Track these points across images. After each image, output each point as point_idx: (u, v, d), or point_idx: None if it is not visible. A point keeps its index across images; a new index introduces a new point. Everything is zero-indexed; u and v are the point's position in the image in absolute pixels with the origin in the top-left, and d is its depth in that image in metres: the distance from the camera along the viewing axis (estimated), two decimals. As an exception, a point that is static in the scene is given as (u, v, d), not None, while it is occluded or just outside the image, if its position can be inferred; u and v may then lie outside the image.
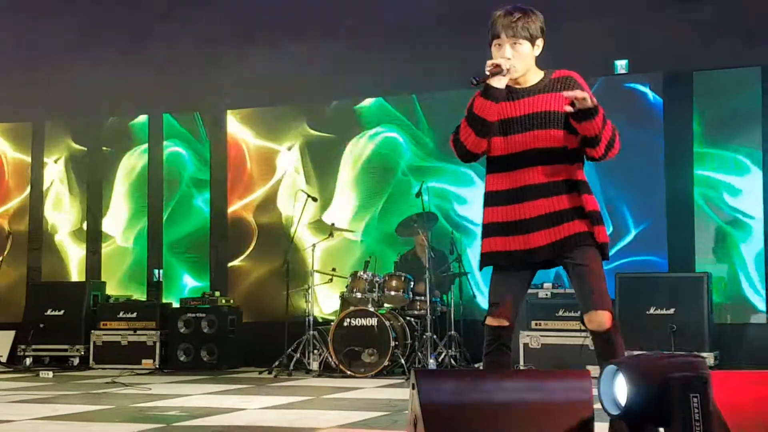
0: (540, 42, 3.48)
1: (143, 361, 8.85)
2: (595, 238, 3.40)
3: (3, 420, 5.07)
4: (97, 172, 10.31)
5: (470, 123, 3.45)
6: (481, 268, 3.62)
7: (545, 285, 7.73)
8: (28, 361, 9.14)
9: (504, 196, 3.48)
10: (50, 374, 8.16)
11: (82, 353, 9.10)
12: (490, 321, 3.54)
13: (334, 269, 8.75)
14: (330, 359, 7.91)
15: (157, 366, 8.81)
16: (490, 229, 3.52)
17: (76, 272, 10.26)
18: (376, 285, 8.09)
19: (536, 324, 7.71)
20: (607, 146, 3.40)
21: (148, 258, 10.01)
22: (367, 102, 9.41)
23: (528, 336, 7.70)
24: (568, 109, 3.33)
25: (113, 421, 5.09)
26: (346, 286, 8.25)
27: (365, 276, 8.14)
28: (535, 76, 3.50)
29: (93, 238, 10.22)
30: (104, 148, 10.33)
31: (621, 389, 2.72)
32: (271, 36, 9.18)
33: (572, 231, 3.40)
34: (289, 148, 9.63)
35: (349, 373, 7.74)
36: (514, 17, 3.41)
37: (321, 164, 9.51)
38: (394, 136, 9.28)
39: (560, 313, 7.62)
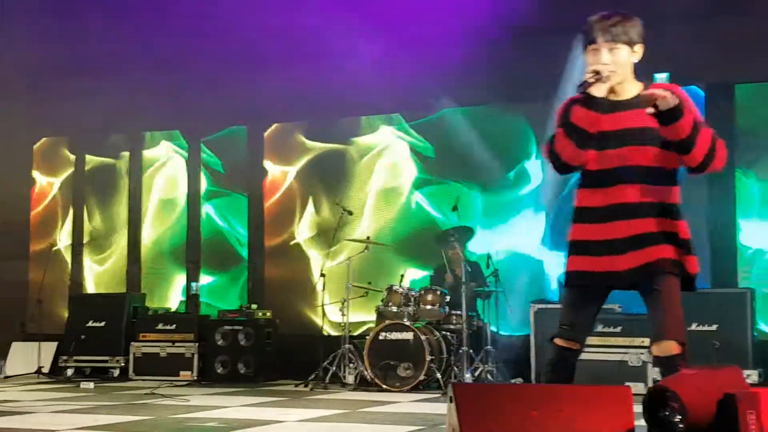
0: (639, 48, 3.32)
1: (181, 372, 8.94)
2: (686, 268, 3.24)
3: (47, 429, 5.16)
4: (136, 184, 10.45)
5: (568, 134, 3.24)
6: (566, 286, 3.43)
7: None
8: (70, 371, 9.27)
9: (594, 213, 3.31)
10: (91, 385, 8.27)
11: (122, 364, 9.21)
12: (558, 341, 3.41)
13: (369, 283, 8.77)
14: (365, 373, 7.92)
15: (195, 378, 8.89)
16: (577, 247, 3.36)
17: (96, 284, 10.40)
18: (412, 299, 8.09)
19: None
20: (707, 156, 3.17)
21: (187, 271, 10.11)
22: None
23: (564, 352, 7.63)
24: (650, 110, 3.13)
25: (152, 431, 5.14)
26: (382, 300, 8.27)
27: (401, 290, 8.16)
28: (633, 87, 3.32)
29: (133, 249, 10.35)
30: (145, 158, 10.47)
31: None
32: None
33: (659, 256, 3.22)
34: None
35: (384, 386, 7.74)
36: (611, 20, 3.26)
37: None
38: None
39: (600, 328, 7.55)
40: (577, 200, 3.37)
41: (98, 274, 10.48)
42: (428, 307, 8.06)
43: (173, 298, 10.14)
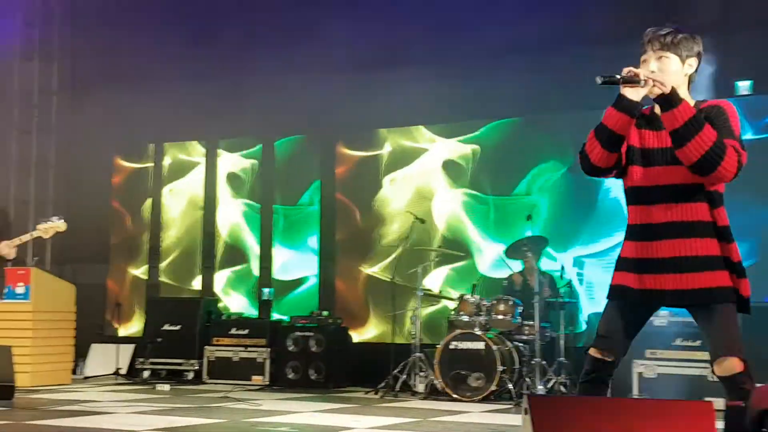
0: (693, 62, 3.28)
1: (253, 377, 9.05)
2: (740, 293, 3.18)
3: (125, 430, 5.28)
4: (209, 190, 10.64)
5: (597, 134, 3.22)
6: (607, 298, 3.40)
7: (662, 313, 7.51)
8: (146, 373, 9.47)
9: (639, 231, 3.28)
10: (167, 387, 8.45)
11: (196, 368, 9.38)
12: (593, 352, 3.38)
13: (441, 291, 8.76)
14: (436, 382, 7.89)
15: (267, 382, 8.99)
16: (622, 263, 3.33)
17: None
18: (484, 308, 8.05)
19: (651, 353, 7.48)
20: (704, 157, 3.05)
21: (259, 276, 10.24)
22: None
23: (642, 365, 7.48)
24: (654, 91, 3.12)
25: (227, 435, 5.22)
26: (453, 309, 8.24)
27: (472, 299, 8.12)
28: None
29: (206, 254, 10.54)
30: (218, 164, 10.65)
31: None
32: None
33: (712, 283, 3.17)
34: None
35: (455, 396, 7.70)
36: (663, 31, 3.28)
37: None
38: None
39: (678, 342, 7.38)
40: (628, 217, 3.35)
41: (173, 278, 10.69)
42: (500, 317, 8.01)
43: (244, 303, 10.28)
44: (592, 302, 8.50)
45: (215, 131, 10.61)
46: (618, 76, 3.15)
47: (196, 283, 10.57)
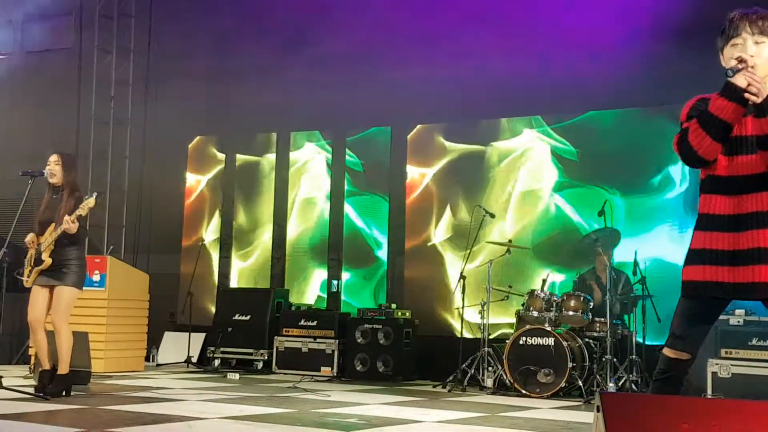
0: None
1: (322, 368, 9.12)
2: None
3: (196, 417, 5.37)
4: (282, 182, 10.74)
5: (705, 126, 3.07)
6: (683, 296, 3.25)
7: (737, 312, 7.32)
8: (217, 362, 9.63)
9: (721, 221, 3.14)
10: (237, 376, 8.57)
11: (266, 357, 9.49)
12: (667, 352, 3.27)
13: (510, 286, 8.68)
14: (504, 377, 7.84)
15: (335, 374, 9.04)
16: (700, 256, 3.18)
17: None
18: (554, 304, 7.95)
19: (726, 352, 7.30)
20: None
21: (328, 268, 10.30)
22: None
23: (717, 365, 7.31)
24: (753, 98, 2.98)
25: (295, 424, 5.26)
26: (522, 304, 8.17)
27: (542, 294, 8.03)
28: None
29: (277, 245, 10.64)
30: (290, 157, 10.73)
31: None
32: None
33: None
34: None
35: (524, 392, 7.63)
36: (759, 13, 3.14)
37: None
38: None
39: (754, 342, 7.19)
40: (702, 207, 3.20)
41: (242, 270, 10.83)
42: (571, 313, 7.90)
43: (313, 294, 10.35)
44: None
45: (290, 124, 10.69)
46: (739, 66, 3.04)
47: (266, 276, 10.67)
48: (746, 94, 3.01)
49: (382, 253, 10.08)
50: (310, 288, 10.41)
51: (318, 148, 10.60)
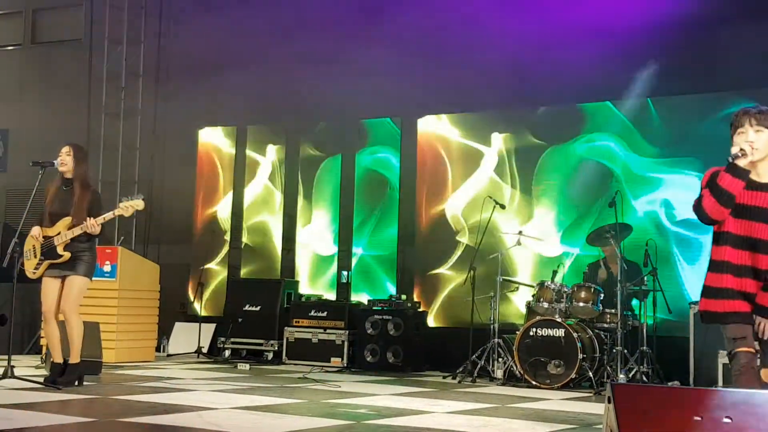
0: None
1: (332, 359, 9.13)
2: None
3: (207, 407, 5.38)
4: (292, 175, 10.73)
5: (715, 194, 3.95)
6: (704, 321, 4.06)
7: (748, 303, 7.28)
8: (227, 353, 9.65)
9: (729, 266, 3.97)
10: (247, 366, 8.59)
11: (276, 348, 9.50)
12: (741, 349, 3.94)
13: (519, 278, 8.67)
14: (514, 368, 7.83)
15: (345, 365, 9.05)
16: (715, 293, 4.02)
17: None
18: (564, 295, 7.93)
19: (737, 344, 7.27)
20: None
21: (338, 259, 10.30)
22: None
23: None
24: None
25: (306, 414, 5.27)
26: (533, 295, 8.15)
27: (553, 285, 8.01)
28: None
29: (288, 237, 10.65)
30: (311, 151, 10.71)
31: None
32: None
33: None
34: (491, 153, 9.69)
35: (534, 383, 7.62)
36: (757, 109, 4.00)
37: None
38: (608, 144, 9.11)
39: None
40: (714, 254, 4.04)
41: (254, 260, 10.83)
42: (581, 304, 7.88)
43: (324, 286, 10.35)
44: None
45: (296, 116, 10.69)
46: (739, 153, 3.91)
47: (276, 266, 10.68)
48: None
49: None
50: (325, 280, 10.38)
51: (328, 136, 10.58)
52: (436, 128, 9.96)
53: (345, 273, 10.21)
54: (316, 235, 10.49)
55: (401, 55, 9.54)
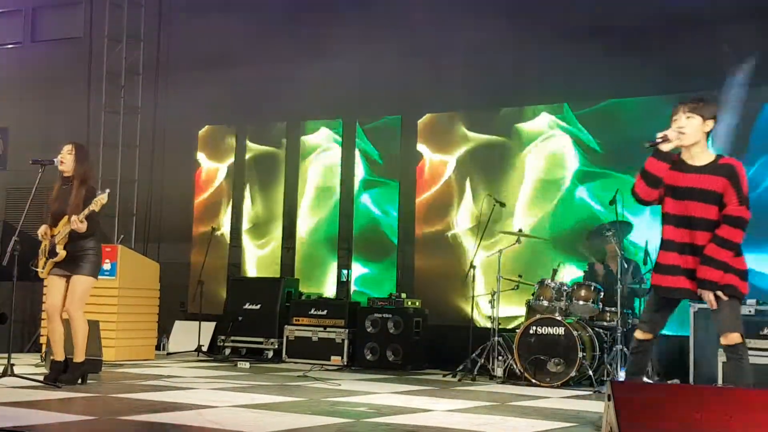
0: (710, 123, 4.46)
1: (332, 357, 9.13)
2: (740, 290, 4.45)
3: (207, 405, 5.39)
4: (291, 172, 10.73)
5: (643, 176, 4.48)
6: (650, 293, 4.65)
7: (748, 301, 7.28)
8: (227, 351, 9.65)
9: (673, 245, 4.49)
10: (247, 365, 8.59)
11: (276, 346, 9.51)
12: (638, 334, 4.67)
13: (520, 276, 8.66)
14: (514, 366, 7.83)
15: (345, 363, 9.06)
16: (660, 268, 4.54)
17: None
18: (564, 293, 7.93)
19: (737, 342, 7.27)
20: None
21: (338, 258, 10.30)
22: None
23: (727, 355, 7.28)
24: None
25: (306, 413, 5.27)
26: (533, 294, 8.15)
27: (553, 284, 8.01)
28: (706, 157, 4.48)
29: (288, 235, 10.64)
30: (304, 146, 10.70)
31: None
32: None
33: (725, 282, 4.40)
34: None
35: (534, 381, 7.62)
36: (693, 98, 4.48)
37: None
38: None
39: (765, 331, 7.15)
40: (663, 233, 4.54)
41: (256, 259, 10.83)
42: (581, 302, 7.88)
43: (327, 285, 10.34)
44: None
45: (301, 113, 10.68)
46: (657, 140, 4.42)
47: (278, 265, 10.67)
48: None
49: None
50: (327, 279, 10.37)
51: (334, 135, 10.56)
52: (437, 125, 9.95)
53: (345, 272, 10.21)
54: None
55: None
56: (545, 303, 7.94)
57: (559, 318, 7.69)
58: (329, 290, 10.23)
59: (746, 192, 4.38)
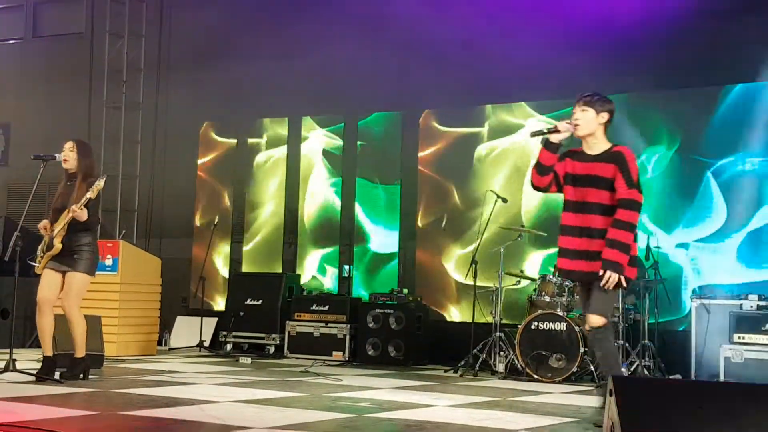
0: (604, 115, 4.82)
1: (334, 353, 9.14)
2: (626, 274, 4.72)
3: (209, 401, 5.39)
4: (293, 169, 10.72)
5: (535, 167, 4.90)
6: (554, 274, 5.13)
7: (750, 297, 7.28)
8: (229, 346, 9.66)
9: (572, 229, 4.84)
10: (249, 360, 8.60)
11: (278, 342, 9.51)
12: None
13: (522, 271, 8.66)
14: (516, 362, 7.83)
15: (347, 358, 9.06)
16: (561, 252, 4.91)
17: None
18: (566, 289, 7.93)
19: (740, 338, 7.27)
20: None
21: (339, 253, 10.29)
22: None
23: (730, 350, 7.28)
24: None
25: (308, 408, 5.27)
26: (534, 289, 8.14)
27: (554, 279, 8.00)
28: (602, 147, 4.83)
29: (289, 230, 10.63)
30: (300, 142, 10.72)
31: None
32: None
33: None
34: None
35: (535, 377, 7.62)
36: (588, 93, 4.88)
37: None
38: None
39: (767, 327, 7.15)
40: (563, 220, 4.88)
41: (254, 254, 10.82)
42: (583, 297, 7.86)
43: (325, 280, 10.34)
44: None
45: (301, 109, 10.67)
46: (544, 131, 4.85)
47: (278, 260, 10.67)
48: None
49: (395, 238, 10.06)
50: (325, 274, 10.38)
51: (328, 133, 10.55)
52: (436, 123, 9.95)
53: (346, 267, 10.21)
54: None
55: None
56: (547, 298, 7.94)
57: (561, 313, 7.69)
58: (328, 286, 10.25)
59: (635, 176, 4.67)
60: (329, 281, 10.26)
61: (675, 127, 8.61)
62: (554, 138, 4.80)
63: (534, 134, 4.91)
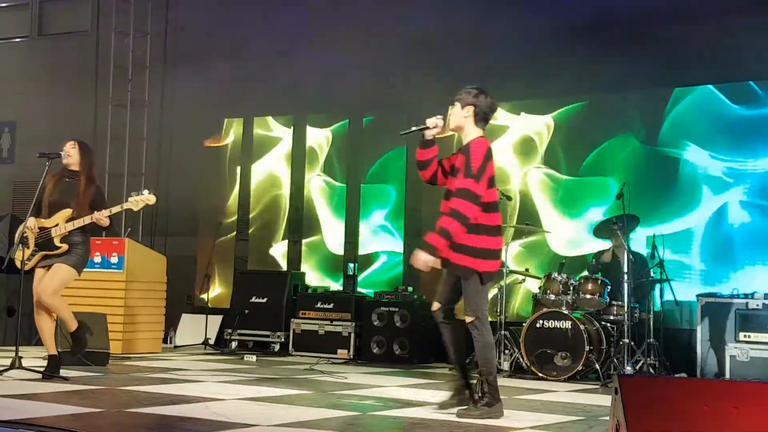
0: (469, 109, 4.99)
1: (339, 350, 9.14)
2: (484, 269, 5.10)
3: (214, 398, 5.39)
4: (296, 165, 10.72)
5: (416, 160, 5.16)
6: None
7: (756, 296, 7.27)
8: (234, 344, 9.67)
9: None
10: (254, 358, 8.60)
11: (282, 340, 9.52)
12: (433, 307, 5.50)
13: (527, 269, 8.65)
14: (521, 360, 7.82)
15: (352, 356, 9.06)
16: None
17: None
18: (571, 287, 7.92)
19: (745, 336, 7.25)
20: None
21: (344, 251, 10.29)
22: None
23: (736, 348, 7.26)
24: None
25: (313, 405, 5.28)
26: (539, 287, 8.14)
27: (560, 278, 7.99)
28: (468, 139, 5.01)
29: (294, 228, 10.64)
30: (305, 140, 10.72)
31: None
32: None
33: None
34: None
35: (540, 375, 7.62)
36: (463, 90, 5.06)
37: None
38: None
39: (775, 326, 7.15)
40: (441, 207, 5.06)
41: (261, 252, 10.83)
42: (588, 296, 7.87)
43: (331, 278, 10.34)
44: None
45: (303, 107, 10.67)
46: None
47: (283, 258, 10.68)
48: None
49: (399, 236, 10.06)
50: (331, 272, 10.39)
51: (330, 131, 10.55)
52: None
53: (351, 265, 10.20)
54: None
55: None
56: (552, 297, 7.93)
57: (566, 312, 7.68)
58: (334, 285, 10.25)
59: (476, 167, 4.81)
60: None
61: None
62: (428, 134, 5.00)
63: (404, 133, 5.15)
